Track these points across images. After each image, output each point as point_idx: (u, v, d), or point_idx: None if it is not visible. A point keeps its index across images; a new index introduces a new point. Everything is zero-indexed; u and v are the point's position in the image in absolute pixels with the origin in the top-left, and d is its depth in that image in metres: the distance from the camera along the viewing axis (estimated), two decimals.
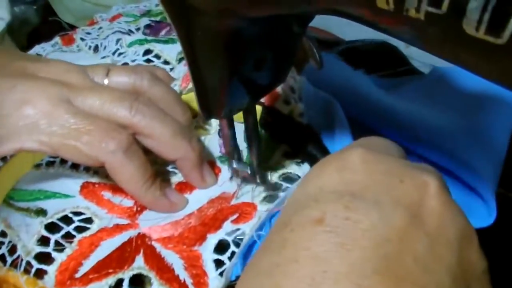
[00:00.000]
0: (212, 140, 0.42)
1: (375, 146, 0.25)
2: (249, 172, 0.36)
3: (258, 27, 0.30)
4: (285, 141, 0.41)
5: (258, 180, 0.37)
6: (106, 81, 0.39)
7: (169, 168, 0.40)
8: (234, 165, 0.37)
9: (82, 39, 0.62)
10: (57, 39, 0.63)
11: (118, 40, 0.57)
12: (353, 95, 0.46)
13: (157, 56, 0.54)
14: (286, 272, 0.20)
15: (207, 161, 0.40)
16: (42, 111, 0.35)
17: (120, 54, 0.56)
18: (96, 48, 0.60)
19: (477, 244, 0.22)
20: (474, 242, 0.22)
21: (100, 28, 0.64)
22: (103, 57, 0.57)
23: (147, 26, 0.63)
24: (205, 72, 0.31)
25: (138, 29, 0.63)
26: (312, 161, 0.38)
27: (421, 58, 0.60)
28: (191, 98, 0.42)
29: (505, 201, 0.41)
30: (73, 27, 0.73)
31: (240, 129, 0.37)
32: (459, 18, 0.17)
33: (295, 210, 0.22)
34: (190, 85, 0.43)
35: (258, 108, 0.42)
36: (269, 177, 0.38)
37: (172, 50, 0.53)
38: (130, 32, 0.62)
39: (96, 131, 0.35)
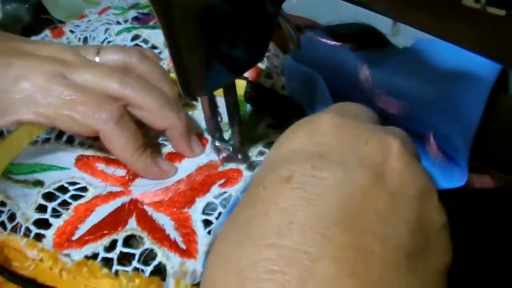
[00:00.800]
0: (199, 115, 0.44)
1: (347, 111, 0.27)
2: (231, 150, 0.38)
3: (232, 5, 0.31)
4: (269, 113, 0.43)
5: (239, 158, 0.39)
6: (97, 59, 0.41)
7: (160, 140, 0.43)
8: (217, 144, 0.39)
9: (71, 31, 0.64)
10: (47, 32, 0.65)
11: (106, 30, 0.59)
12: (338, 69, 0.48)
13: (145, 41, 0.55)
14: (257, 223, 0.22)
15: (195, 133, 0.42)
16: (38, 85, 0.37)
17: (109, 42, 0.58)
18: (85, 40, 0.62)
19: (437, 201, 0.24)
20: (434, 199, 0.24)
21: (89, 20, 0.66)
22: None
23: (135, 18, 0.65)
24: (183, 50, 0.32)
25: (126, 21, 0.65)
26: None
27: (408, 37, 0.62)
28: None
29: None
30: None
31: (222, 102, 0.39)
32: None
33: (268, 170, 0.24)
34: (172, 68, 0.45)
35: (243, 83, 0.44)
36: (251, 153, 0.40)
37: (160, 35, 0.55)
38: (118, 23, 0.64)
39: (90, 102, 0.37)
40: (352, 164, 0.23)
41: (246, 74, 0.44)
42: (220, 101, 0.39)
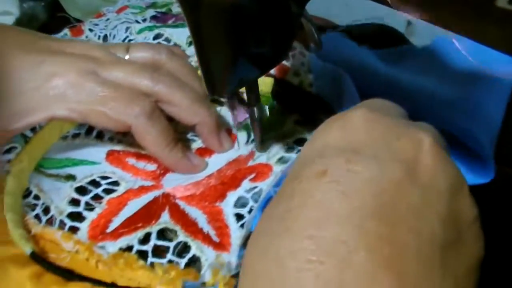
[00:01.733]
0: (227, 111, 0.45)
1: (378, 107, 0.28)
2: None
3: (258, 4, 0.32)
4: (296, 110, 0.43)
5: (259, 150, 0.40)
6: (127, 57, 0.41)
7: (189, 136, 0.43)
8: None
9: (90, 30, 0.65)
10: (66, 30, 0.66)
11: (127, 28, 0.60)
12: (358, 68, 0.48)
13: (167, 40, 0.56)
14: (295, 216, 0.22)
15: (224, 129, 0.42)
16: (71, 81, 0.37)
17: (130, 40, 0.59)
18: (105, 38, 0.63)
19: (468, 194, 0.24)
20: (465, 192, 0.24)
21: (108, 19, 0.67)
22: None
23: (153, 17, 0.66)
24: (209, 49, 0.33)
25: (144, 20, 0.66)
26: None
27: (423, 37, 0.63)
28: None
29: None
30: (80, 22, 0.75)
31: None
32: None
33: (303, 165, 0.25)
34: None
35: (270, 80, 0.45)
36: (282, 142, 0.41)
37: (182, 34, 0.56)
38: (137, 22, 0.64)
39: (121, 98, 0.37)
40: (385, 158, 0.23)
41: (272, 72, 0.44)
42: None
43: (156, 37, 0.57)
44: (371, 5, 0.44)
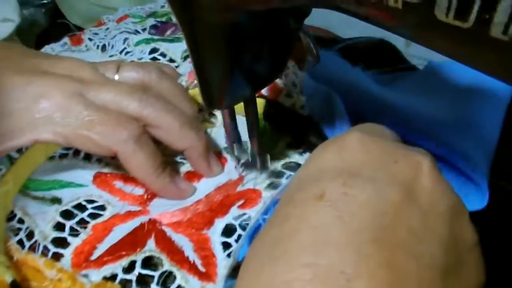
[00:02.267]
0: (218, 132, 0.44)
1: (371, 131, 0.27)
2: (250, 159, 0.38)
3: (257, 22, 0.32)
4: (287, 132, 0.43)
5: (258, 167, 0.39)
6: (116, 77, 0.41)
7: (178, 159, 0.42)
8: (236, 153, 0.39)
9: (90, 39, 0.64)
10: (66, 39, 0.65)
11: (125, 40, 0.59)
12: (351, 89, 0.48)
13: (163, 55, 0.55)
14: (290, 242, 0.21)
15: (213, 152, 0.41)
16: (57, 104, 0.36)
17: (127, 53, 0.58)
18: (103, 48, 0.62)
19: (468, 219, 0.24)
20: (465, 217, 0.24)
21: (107, 28, 0.66)
22: (111, 56, 0.59)
23: (153, 27, 0.65)
24: (207, 64, 0.33)
25: (144, 30, 0.65)
26: (314, 150, 0.40)
27: (421, 55, 0.62)
28: (197, 92, 0.44)
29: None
30: (80, 29, 0.75)
31: (242, 121, 0.39)
32: (431, 6, 0.19)
33: (298, 189, 0.24)
34: (196, 80, 0.45)
35: (261, 101, 0.44)
36: (270, 165, 0.40)
37: (177, 49, 0.55)
38: (136, 32, 0.64)
39: (108, 122, 0.36)
40: (383, 181, 0.23)
41: (264, 93, 0.44)
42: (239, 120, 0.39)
43: (152, 51, 0.56)
44: None
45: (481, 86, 0.48)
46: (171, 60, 0.54)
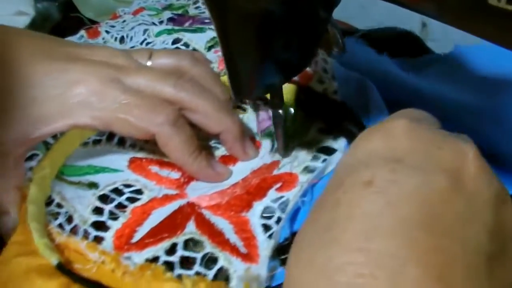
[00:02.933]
0: (250, 118, 0.44)
1: (416, 117, 0.28)
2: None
3: (288, 10, 0.32)
4: (319, 117, 0.43)
5: (282, 155, 0.40)
6: (149, 63, 0.41)
7: (212, 143, 0.43)
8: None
9: (107, 31, 0.64)
10: (82, 32, 0.65)
11: (145, 31, 0.59)
12: (379, 76, 0.48)
13: (186, 45, 0.55)
14: (342, 227, 0.22)
15: (248, 137, 0.42)
16: (93, 89, 0.37)
17: (148, 43, 0.58)
18: (122, 39, 0.62)
19: (511, 205, 0.24)
20: (509, 205, 0.24)
21: (124, 21, 0.66)
22: (131, 47, 0.59)
23: (170, 19, 0.66)
24: (237, 53, 0.33)
25: (161, 22, 0.65)
26: (349, 135, 0.40)
27: (438, 39, 0.62)
28: None
29: None
30: (94, 23, 0.75)
31: None
32: None
33: (347, 173, 0.24)
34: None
35: (292, 88, 0.44)
36: (306, 150, 0.40)
37: (201, 39, 0.55)
38: (153, 24, 0.64)
39: (145, 106, 0.37)
40: (430, 168, 0.23)
41: (296, 78, 0.44)
42: None
43: (175, 41, 0.56)
44: (386, 6, 0.43)
45: (509, 74, 0.48)
46: (195, 50, 0.54)
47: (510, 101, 0.46)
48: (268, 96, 0.40)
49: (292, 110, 0.43)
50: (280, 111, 0.39)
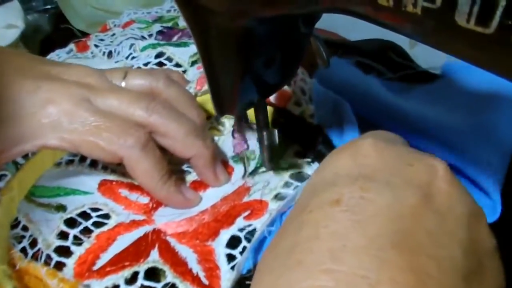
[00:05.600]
0: (226, 140, 0.44)
1: (384, 137, 0.27)
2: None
3: (268, 27, 0.31)
4: (296, 141, 0.42)
5: (268, 169, 0.39)
6: (123, 84, 0.40)
7: (184, 168, 0.42)
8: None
9: (96, 45, 0.64)
10: (71, 46, 0.65)
11: (131, 45, 0.59)
12: (364, 96, 0.47)
13: (169, 59, 0.55)
14: (307, 248, 0.21)
15: (220, 161, 0.41)
16: (64, 109, 0.36)
17: (133, 58, 0.58)
18: (110, 54, 0.62)
19: (485, 223, 0.24)
20: (483, 220, 0.23)
21: (113, 34, 0.66)
22: (117, 62, 0.58)
23: (160, 32, 0.65)
24: (218, 70, 0.33)
25: (150, 35, 0.65)
26: (322, 159, 0.39)
27: (425, 59, 0.62)
28: (205, 100, 0.44)
29: None
30: (84, 34, 0.75)
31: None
32: (451, 11, 0.19)
33: (313, 194, 0.24)
34: (204, 87, 0.45)
35: (270, 109, 0.43)
36: (278, 173, 0.40)
37: (184, 53, 0.55)
38: (142, 38, 0.63)
39: (115, 128, 0.36)
40: (400, 185, 0.23)
41: (273, 101, 0.43)
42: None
43: (158, 55, 0.55)
44: None
45: (496, 92, 0.47)
46: (178, 65, 0.54)
47: (496, 120, 0.46)
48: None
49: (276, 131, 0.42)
50: (266, 133, 0.38)
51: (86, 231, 0.37)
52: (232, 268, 0.34)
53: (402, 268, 0.19)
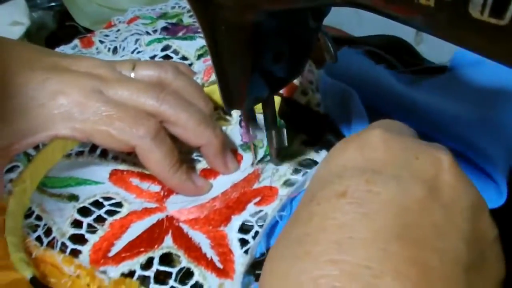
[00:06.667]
0: (234, 130, 0.44)
1: (391, 127, 0.27)
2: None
3: (277, 22, 0.32)
4: (303, 130, 0.43)
5: (275, 163, 0.40)
6: (132, 75, 0.41)
7: (194, 156, 0.42)
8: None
9: (101, 41, 0.64)
10: (76, 41, 0.65)
11: (137, 40, 0.59)
12: (373, 86, 0.48)
13: (175, 52, 0.55)
14: (315, 239, 0.22)
15: (230, 150, 0.41)
16: (75, 100, 0.37)
17: (138, 52, 0.58)
18: (115, 50, 0.62)
19: (488, 214, 0.24)
20: (485, 212, 0.24)
21: (118, 30, 0.66)
22: (122, 56, 0.59)
23: (164, 28, 0.66)
24: (227, 64, 0.33)
25: (155, 31, 0.65)
26: (330, 148, 0.40)
27: (431, 55, 0.63)
28: (213, 90, 0.44)
29: None
30: (89, 31, 0.75)
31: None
32: (465, 3, 0.19)
33: (320, 186, 0.24)
34: (212, 78, 0.45)
35: (277, 99, 0.44)
36: (288, 163, 0.40)
37: (191, 46, 0.55)
38: (147, 34, 0.64)
39: (126, 118, 0.37)
40: (406, 178, 0.23)
41: (281, 91, 0.44)
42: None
43: (164, 49, 0.56)
44: None
45: (506, 88, 0.48)
46: (184, 58, 0.54)
47: (503, 116, 0.46)
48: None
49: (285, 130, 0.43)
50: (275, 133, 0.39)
51: (100, 220, 0.37)
52: (246, 252, 0.34)
53: (405, 260, 0.20)
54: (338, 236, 0.21)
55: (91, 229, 0.36)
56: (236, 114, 0.45)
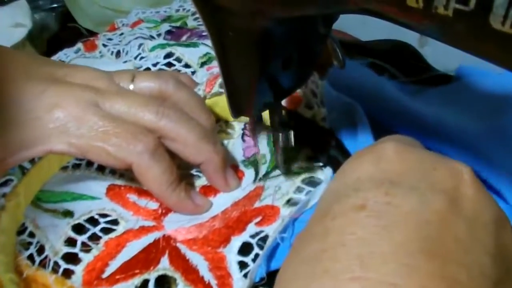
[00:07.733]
0: (236, 144, 0.43)
1: (403, 141, 0.26)
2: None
3: (286, 28, 0.31)
4: (307, 144, 0.41)
5: (282, 172, 0.38)
6: (131, 87, 0.40)
7: (194, 172, 0.41)
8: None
9: (104, 45, 0.63)
10: (79, 45, 0.64)
11: (140, 45, 0.58)
12: (377, 99, 0.46)
13: (178, 59, 0.54)
14: (334, 256, 0.20)
15: (230, 165, 0.40)
16: (72, 114, 0.35)
17: (141, 58, 0.57)
18: (118, 54, 0.61)
19: (510, 228, 0.23)
20: (508, 226, 0.23)
21: (122, 34, 0.65)
22: (125, 62, 0.58)
23: (168, 32, 0.64)
24: (235, 71, 0.32)
25: (159, 35, 0.64)
26: (335, 164, 0.39)
27: (435, 58, 0.61)
28: (215, 102, 0.43)
29: None
30: (92, 33, 0.74)
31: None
32: (486, 14, 0.18)
33: (335, 200, 0.23)
34: (214, 90, 0.44)
35: None
36: (290, 178, 0.39)
37: (194, 54, 0.54)
38: (151, 37, 0.63)
39: (123, 134, 0.35)
40: (425, 189, 0.22)
41: (283, 103, 0.42)
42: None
43: (167, 56, 0.55)
44: None
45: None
46: (187, 65, 0.53)
47: (507, 124, 0.45)
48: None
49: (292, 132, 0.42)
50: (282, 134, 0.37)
51: (94, 238, 0.36)
52: (245, 276, 0.33)
53: (432, 275, 0.19)
54: (359, 251, 0.20)
55: (85, 248, 0.35)
56: (238, 126, 0.44)
